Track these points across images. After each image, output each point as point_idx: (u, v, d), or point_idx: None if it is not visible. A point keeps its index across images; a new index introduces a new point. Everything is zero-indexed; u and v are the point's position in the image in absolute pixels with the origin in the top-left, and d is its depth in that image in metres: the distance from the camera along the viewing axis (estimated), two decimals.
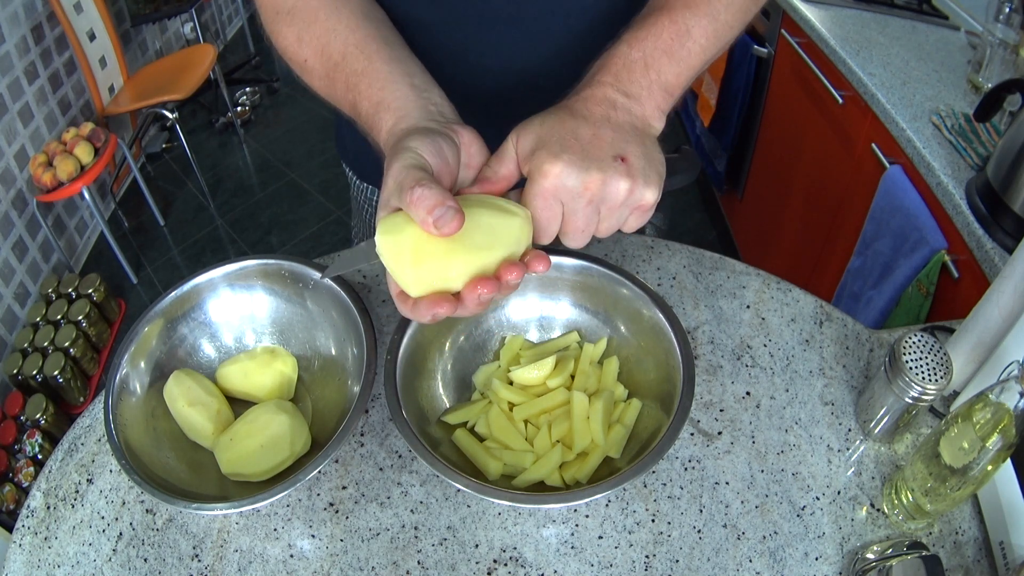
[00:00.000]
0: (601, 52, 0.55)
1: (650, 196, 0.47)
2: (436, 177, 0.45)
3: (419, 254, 0.44)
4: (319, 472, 0.61)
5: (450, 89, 0.57)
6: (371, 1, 0.63)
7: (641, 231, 0.94)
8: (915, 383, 0.59)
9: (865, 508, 0.63)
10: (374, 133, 0.54)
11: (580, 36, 0.69)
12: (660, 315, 0.65)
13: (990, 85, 1.26)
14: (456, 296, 0.45)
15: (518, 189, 0.50)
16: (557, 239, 0.50)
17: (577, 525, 0.62)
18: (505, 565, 0.60)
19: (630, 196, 0.46)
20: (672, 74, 0.52)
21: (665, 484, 0.65)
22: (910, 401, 0.60)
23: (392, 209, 0.46)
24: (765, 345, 0.75)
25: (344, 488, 0.65)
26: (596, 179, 0.45)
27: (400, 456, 0.67)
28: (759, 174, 1.99)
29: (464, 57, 0.71)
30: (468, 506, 0.64)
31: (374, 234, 0.46)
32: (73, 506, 0.65)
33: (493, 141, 0.53)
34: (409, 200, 0.42)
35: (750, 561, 0.60)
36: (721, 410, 0.70)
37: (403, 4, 0.67)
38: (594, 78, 0.51)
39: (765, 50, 1.77)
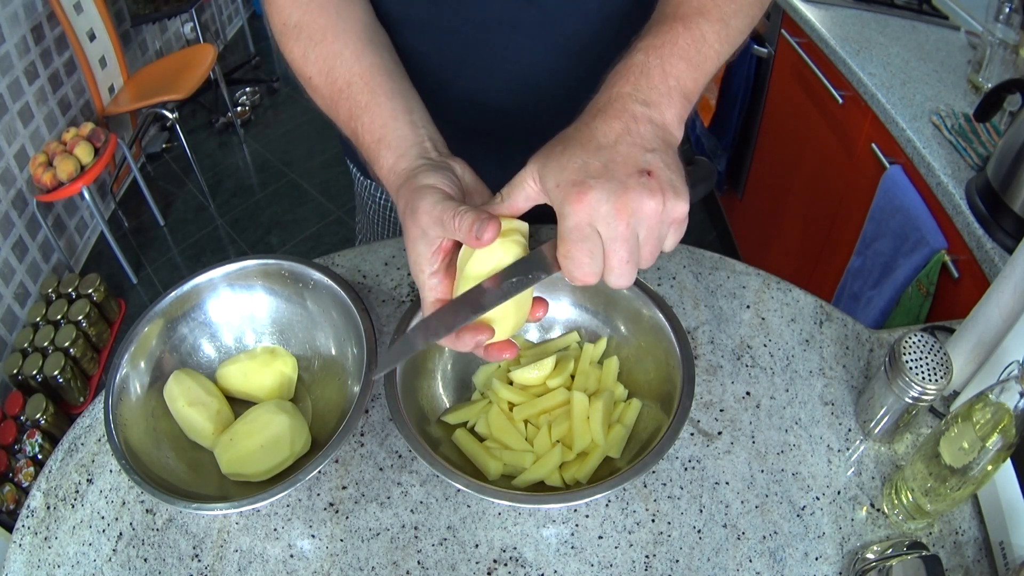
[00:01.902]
0: (604, 54, 0.54)
1: (682, 207, 0.44)
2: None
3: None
4: (319, 472, 0.61)
5: (451, 98, 0.57)
6: (375, 20, 0.64)
7: None
8: (915, 383, 0.59)
9: (865, 508, 0.63)
10: (374, 165, 0.57)
11: (583, 37, 0.69)
12: (660, 315, 0.65)
13: (990, 85, 1.26)
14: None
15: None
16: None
17: (577, 525, 0.62)
18: (505, 565, 0.60)
19: (664, 210, 0.43)
20: (690, 80, 0.50)
21: (665, 484, 0.65)
22: (910, 401, 0.60)
23: (434, 238, 0.49)
24: (765, 345, 0.75)
25: (344, 488, 0.65)
26: (628, 199, 0.42)
27: (400, 456, 0.67)
28: (759, 174, 1.99)
29: (467, 62, 0.71)
30: (468, 506, 0.64)
31: (377, 231, 0.48)
32: (73, 506, 0.65)
33: (492, 150, 0.53)
34: (455, 228, 0.46)
35: (750, 561, 0.60)
36: (721, 410, 0.70)
37: (406, 8, 0.67)
38: (612, 89, 0.49)
39: (765, 50, 1.77)
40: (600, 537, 0.62)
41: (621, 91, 0.48)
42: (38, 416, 1.73)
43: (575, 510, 0.63)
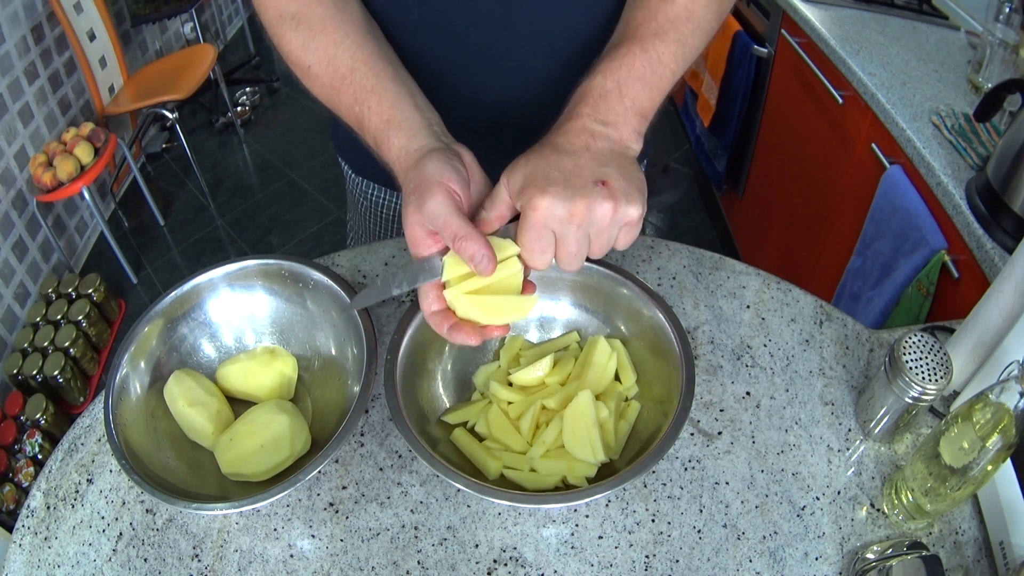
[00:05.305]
0: (597, 53, 0.56)
1: (634, 212, 0.50)
2: (466, 205, 0.52)
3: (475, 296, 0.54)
4: (319, 472, 0.61)
5: (443, 96, 0.58)
6: (369, 15, 0.65)
7: (641, 231, 0.94)
8: (915, 383, 0.59)
9: (865, 508, 0.63)
10: (381, 147, 0.58)
11: (573, 37, 0.70)
12: (660, 315, 0.65)
13: (990, 85, 1.26)
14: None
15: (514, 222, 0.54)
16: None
17: (577, 525, 0.62)
18: (505, 565, 0.60)
19: (615, 215, 0.49)
20: (646, 99, 0.55)
21: (665, 484, 0.65)
22: (910, 401, 0.60)
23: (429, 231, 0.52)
24: (765, 345, 0.75)
25: (344, 488, 0.65)
26: (581, 205, 0.48)
27: (400, 456, 0.67)
28: (759, 174, 1.99)
29: (458, 61, 0.71)
30: (468, 506, 0.64)
31: (369, 228, 0.50)
32: (73, 506, 0.65)
33: (485, 147, 0.54)
34: (457, 248, 0.50)
35: (750, 561, 0.60)
36: (721, 410, 0.70)
37: (398, 7, 0.68)
38: (573, 110, 0.54)
39: (765, 50, 1.77)
40: (600, 537, 0.62)
41: (581, 112, 0.54)
42: (38, 416, 1.73)
43: (575, 510, 0.63)
